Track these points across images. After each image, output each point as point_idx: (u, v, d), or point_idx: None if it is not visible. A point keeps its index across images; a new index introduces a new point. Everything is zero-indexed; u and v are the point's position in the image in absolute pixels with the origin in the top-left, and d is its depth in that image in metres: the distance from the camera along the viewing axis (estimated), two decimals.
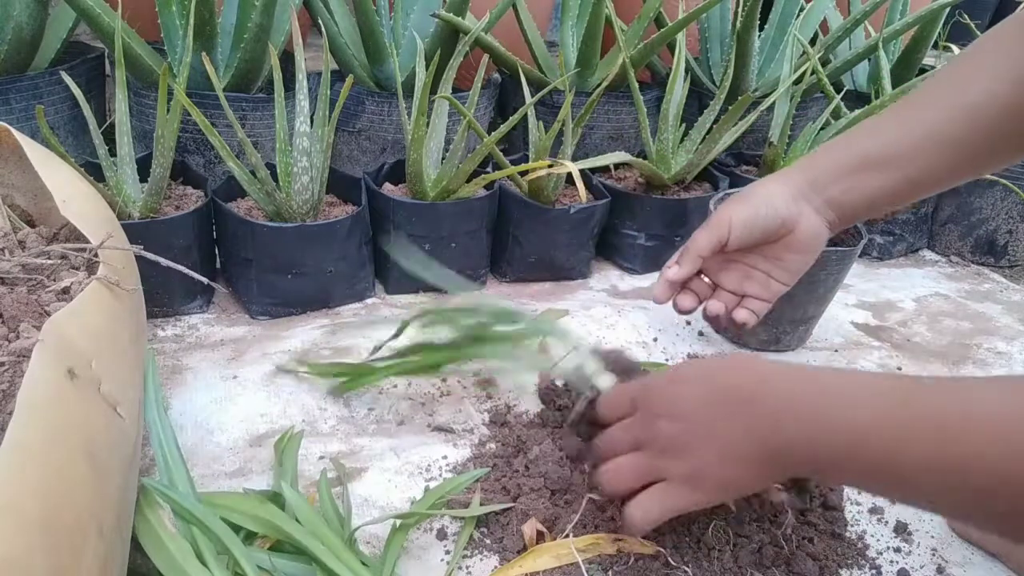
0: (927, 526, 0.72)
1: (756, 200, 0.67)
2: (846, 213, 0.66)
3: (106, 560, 0.44)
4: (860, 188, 0.64)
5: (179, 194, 1.01)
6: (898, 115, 0.64)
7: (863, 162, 0.64)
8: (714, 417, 0.51)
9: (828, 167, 0.66)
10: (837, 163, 0.65)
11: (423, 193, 1.03)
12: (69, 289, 0.59)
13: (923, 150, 0.61)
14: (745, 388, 0.50)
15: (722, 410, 0.51)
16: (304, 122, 0.90)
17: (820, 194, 0.66)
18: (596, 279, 1.17)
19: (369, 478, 0.73)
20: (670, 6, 1.30)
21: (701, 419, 0.52)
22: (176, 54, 1.09)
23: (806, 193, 0.66)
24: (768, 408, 0.48)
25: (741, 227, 0.67)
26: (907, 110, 0.64)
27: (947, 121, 0.60)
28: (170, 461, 0.64)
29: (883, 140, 0.63)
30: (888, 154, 0.62)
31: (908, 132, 0.62)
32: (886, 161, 0.62)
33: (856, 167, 0.64)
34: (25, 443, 0.38)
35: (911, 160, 0.62)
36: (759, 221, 0.66)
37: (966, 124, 0.59)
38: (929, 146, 0.61)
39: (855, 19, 1.24)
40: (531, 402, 0.85)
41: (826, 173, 0.65)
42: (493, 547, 0.65)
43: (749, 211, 0.67)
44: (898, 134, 0.62)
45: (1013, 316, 1.17)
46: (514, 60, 1.19)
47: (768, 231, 0.67)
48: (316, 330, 0.96)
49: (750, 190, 0.68)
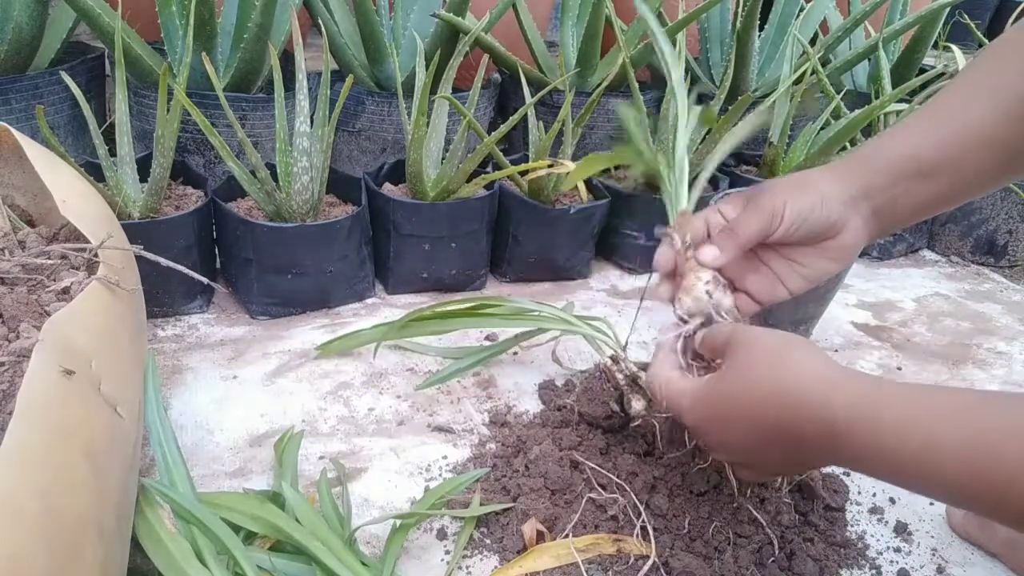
0: (927, 526, 0.72)
1: (812, 194, 0.59)
2: (889, 223, 0.61)
3: (106, 560, 0.44)
4: (909, 196, 0.59)
5: (179, 194, 1.01)
6: (940, 115, 0.60)
7: (915, 169, 0.58)
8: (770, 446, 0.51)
9: (882, 172, 0.60)
10: (891, 168, 0.59)
11: (423, 193, 1.03)
12: (69, 289, 0.60)
13: (972, 154, 0.57)
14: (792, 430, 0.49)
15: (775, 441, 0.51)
16: (304, 122, 0.90)
17: (871, 201, 0.60)
18: (596, 279, 1.17)
19: (369, 478, 0.73)
20: (670, 6, 1.30)
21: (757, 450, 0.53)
22: (176, 54, 1.09)
23: (857, 199, 0.60)
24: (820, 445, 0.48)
25: (792, 221, 0.58)
26: (949, 110, 0.59)
27: (991, 123, 0.56)
28: (170, 461, 0.64)
29: (933, 143, 0.58)
30: (939, 158, 0.58)
31: (954, 135, 0.58)
32: (937, 166, 0.58)
33: (908, 174, 0.59)
34: (25, 443, 0.38)
35: (959, 168, 0.58)
36: (811, 219, 0.59)
37: (1010, 125, 0.56)
38: (977, 151, 0.57)
39: (855, 19, 1.24)
40: (531, 402, 0.85)
41: (880, 179, 0.59)
42: (493, 547, 0.65)
43: (806, 205, 0.58)
44: (946, 136, 0.58)
45: (1013, 316, 1.17)
46: (514, 60, 1.19)
47: (814, 232, 0.59)
48: (316, 330, 0.96)
49: (805, 180, 0.61)
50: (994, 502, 0.40)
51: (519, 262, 1.11)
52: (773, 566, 0.63)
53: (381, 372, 0.88)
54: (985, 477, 0.40)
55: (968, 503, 0.43)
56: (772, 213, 0.58)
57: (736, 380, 0.53)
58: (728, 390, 0.53)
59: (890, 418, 0.44)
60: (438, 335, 0.91)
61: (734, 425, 0.52)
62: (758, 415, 0.50)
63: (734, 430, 0.53)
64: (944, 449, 0.42)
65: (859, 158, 0.61)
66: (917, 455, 0.43)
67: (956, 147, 0.58)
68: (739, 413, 0.52)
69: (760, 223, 0.59)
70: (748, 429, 0.51)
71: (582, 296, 1.11)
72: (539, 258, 1.11)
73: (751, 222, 0.59)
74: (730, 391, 0.53)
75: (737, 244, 0.60)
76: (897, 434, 0.44)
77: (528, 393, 0.87)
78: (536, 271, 1.13)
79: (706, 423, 0.55)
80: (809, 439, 0.48)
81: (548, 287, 1.13)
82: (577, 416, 0.76)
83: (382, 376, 0.88)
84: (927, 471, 0.43)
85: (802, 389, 0.49)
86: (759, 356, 0.52)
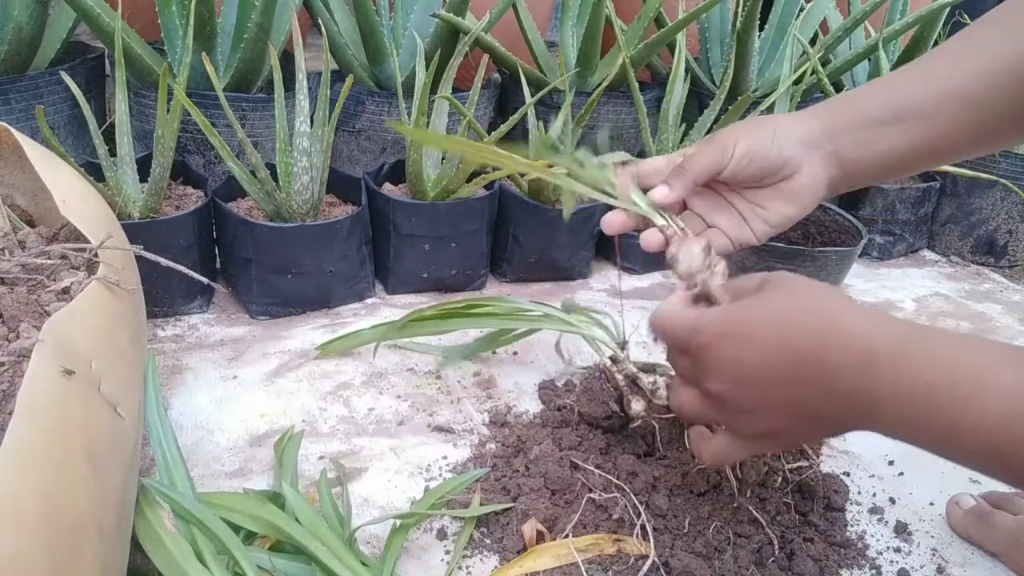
0: (927, 526, 0.72)
1: (766, 132, 0.59)
2: (853, 171, 0.60)
3: (106, 560, 0.44)
4: (875, 143, 0.58)
5: (179, 194, 1.01)
6: (922, 69, 0.59)
7: (882, 114, 0.58)
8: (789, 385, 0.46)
9: (846, 115, 0.59)
10: (856, 111, 0.59)
11: (423, 193, 1.03)
12: (69, 289, 0.60)
13: (945, 108, 0.56)
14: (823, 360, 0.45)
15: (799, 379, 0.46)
16: (304, 122, 0.90)
17: (832, 142, 0.59)
18: (596, 279, 1.17)
19: (369, 478, 0.73)
20: (670, 6, 1.30)
21: (772, 388, 0.47)
22: (176, 54, 1.09)
23: (818, 139, 0.59)
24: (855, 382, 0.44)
25: (740, 157, 0.59)
26: (930, 65, 0.59)
27: (969, 80, 0.55)
28: (170, 461, 0.64)
29: (906, 92, 0.58)
30: (910, 107, 0.57)
31: (931, 87, 0.57)
32: (907, 115, 0.57)
33: (876, 119, 0.58)
34: (25, 443, 0.38)
35: (932, 117, 0.56)
36: (760, 156, 0.59)
37: (986, 86, 0.55)
38: (950, 104, 0.56)
39: (855, 19, 1.24)
40: (531, 402, 0.85)
41: (843, 121, 0.59)
42: (493, 547, 0.65)
43: (756, 141, 0.58)
44: (922, 88, 0.57)
45: (1013, 316, 1.17)
46: (514, 60, 1.19)
47: (766, 169, 0.59)
48: (316, 330, 0.96)
49: (764, 120, 0.61)
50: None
51: (519, 262, 1.11)
52: (773, 566, 0.63)
53: (381, 372, 0.88)
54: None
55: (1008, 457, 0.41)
56: (723, 149, 0.59)
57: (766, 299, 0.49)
58: (756, 306, 0.49)
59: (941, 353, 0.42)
60: (438, 335, 0.91)
61: (754, 346, 0.47)
62: (787, 334, 0.46)
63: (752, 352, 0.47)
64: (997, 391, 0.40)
65: (830, 101, 0.62)
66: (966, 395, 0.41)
67: (932, 97, 0.57)
68: (764, 331, 0.47)
69: (709, 158, 0.59)
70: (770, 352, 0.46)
71: (582, 296, 1.11)
72: (539, 258, 1.11)
73: (700, 157, 0.60)
74: (758, 307, 0.49)
75: (686, 180, 0.60)
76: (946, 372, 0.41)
77: (528, 393, 0.87)
78: (536, 271, 1.13)
79: (719, 339, 0.49)
80: (844, 370, 0.44)
81: (548, 287, 1.13)
82: (577, 416, 0.77)
83: (382, 376, 0.88)
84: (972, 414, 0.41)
85: (843, 311, 0.46)
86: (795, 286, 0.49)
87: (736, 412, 0.50)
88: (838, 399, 0.45)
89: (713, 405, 0.51)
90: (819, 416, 0.47)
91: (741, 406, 0.49)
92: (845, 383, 0.44)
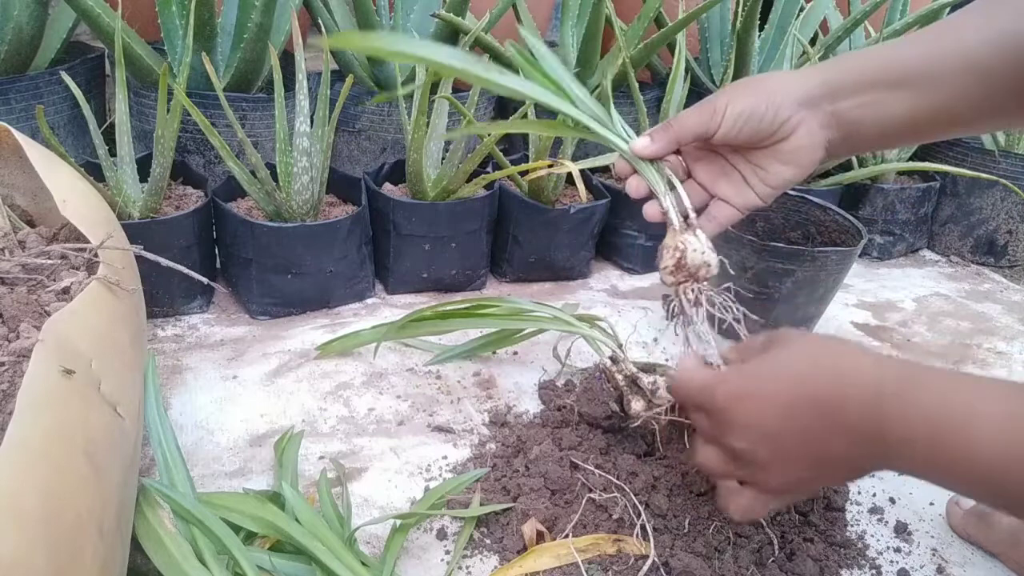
0: (927, 526, 0.72)
1: (759, 94, 0.58)
2: (852, 135, 0.58)
3: (106, 560, 0.44)
4: (877, 106, 0.57)
5: (179, 194, 1.01)
6: (931, 34, 0.57)
7: (888, 76, 0.56)
8: (802, 432, 0.47)
9: (849, 74, 0.57)
10: (860, 71, 0.57)
11: (423, 193, 1.03)
12: (69, 289, 0.60)
13: (951, 74, 0.54)
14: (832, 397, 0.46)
15: (810, 423, 0.47)
16: (304, 122, 0.90)
17: (832, 103, 0.57)
18: (596, 279, 1.17)
19: (369, 478, 0.73)
20: (670, 6, 1.30)
21: (787, 437, 0.48)
22: (176, 54, 1.09)
23: (816, 99, 0.57)
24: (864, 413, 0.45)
25: (733, 120, 0.58)
26: (939, 31, 0.57)
27: (977, 47, 0.54)
28: (170, 461, 0.64)
29: (913, 54, 0.56)
30: (915, 71, 0.55)
31: (938, 51, 0.55)
32: (911, 79, 0.55)
33: (879, 81, 0.56)
34: (25, 443, 0.38)
35: (938, 83, 0.55)
36: (754, 119, 0.57)
37: (995, 55, 0.53)
38: (957, 70, 0.54)
39: (855, 19, 1.24)
40: (531, 402, 0.85)
41: (845, 80, 0.57)
42: (493, 547, 0.65)
43: (747, 104, 0.57)
44: (929, 52, 0.55)
45: (1013, 316, 1.17)
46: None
47: (760, 132, 0.58)
48: (316, 330, 0.96)
49: (759, 80, 0.60)
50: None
51: (519, 262, 1.11)
52: (773, 566, 0.63)
53: (381, 372, 0.88)
54: None
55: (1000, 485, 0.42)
56: (712, 111, 0.58)
57: (776, 358, 0.50)
58: (766, 366, 0.50)
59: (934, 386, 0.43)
60: (438, 335, 0.91)
61: (769, 403, 0.48)
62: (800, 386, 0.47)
63: (768, 409, 0.48)
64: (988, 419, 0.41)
65: (834, 60, 0.60)
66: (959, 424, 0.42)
67: (937, 61, 0.55)
68: (777, 387, 0.48)
69: (697, 118, 0.59)
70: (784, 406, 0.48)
71: (582, 296, 1.11)
72: (539, 258, 1.11)
73: (688, 116, 0.59)
74: (768, 367, 0.50)
75: (669, 136, 0.60)
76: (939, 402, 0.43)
77: (528, 393, 0.87)
78: (536, 271, 1.13)
79: (735, 400, 0.50)
80: (853, 412, 0.45)
81: (548, 287, 1.13)
82: (577, 416, 0.76)
83: (382, 376, 0.88)
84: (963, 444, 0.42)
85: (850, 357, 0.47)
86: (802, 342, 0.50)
87: (757, 467, 0.51)
88: (852, 439, 0.46)
89: (734, 462, 0.52)
90: (836, 459, 0.48)
91: (761, 461, 0.50)
92: (856, 422, 0.45)
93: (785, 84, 0.58)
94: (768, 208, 1.04)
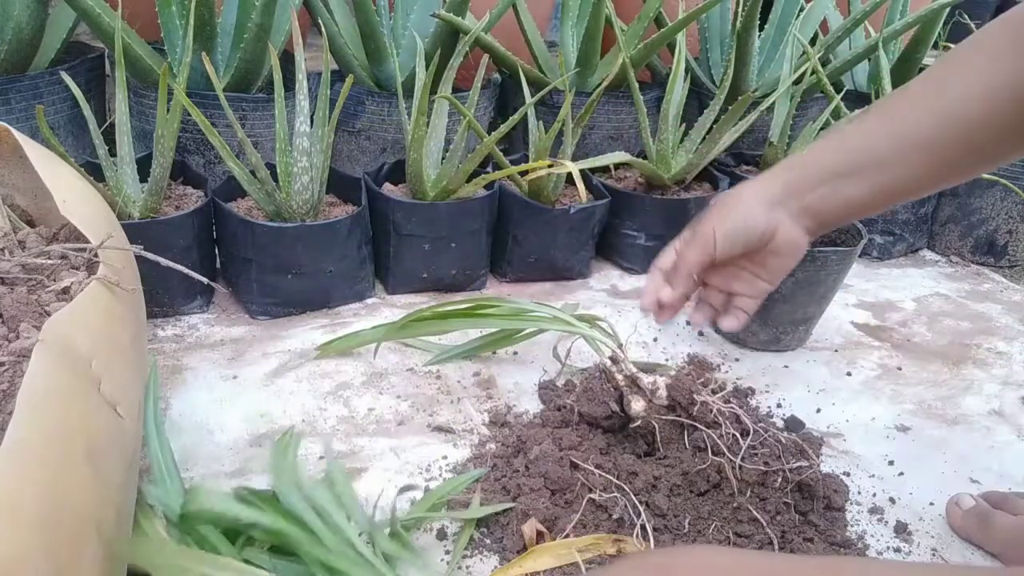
0: (927, 526, 0.72)
1: (736, 213, 0.66)
2: (823, 220, 0.65)
3: (106, 560, 0.44)
4: (836, 196, 0.63)
5: (179, 194, 1.01)
6: (878, 116, 0.62)
7: (841, 168, 0.62)
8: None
9: (806, 173, 0.64)
10: (816, 168, 0.64)
11: (423, 193, 1.03)
12: (69, 289, 0.59)
13: (901, 154, 0.59)
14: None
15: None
16: (304, 122, 0.90)
17: (797, 201, 0.64)
18: (596, 279, 1.17)
19: (369, 478, 0.73)
20: (670, 6, 1.30)
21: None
22: (176, 54, 1.09)
23: (783, 200, 0.65)
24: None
25: (723, 240, 0.66)
26: (887, 110, 0.62)
27: (924, 125, 0.58)
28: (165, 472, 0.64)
29: (862, 144, 0.61)
30: (866, 160, 0.61)
31: (887, 135, 0.60)
32: (863, 167, 0.61)
33: (834, 173, 0.62)
34: (25, 443, 0.38)
35: (889, 166, 0.60)
36: (740, 234, 0.66)
37: (941, 129, 0.57)
38: (907, 151, 0.59)
39: (855, 19, 1.24)
40: (531, 402, 0.85)
41: (804, 179, 0.64)
42: (493, 547, 0.65)
43: (730, 225, 0.66)
44: (877, 138, 0.61)
45: (1013, 316, 1.17)
46: (514, 60, 1.19)
47: (749, 243, 0.66)
48: (316, 330, 0.96)
49: (728, 199, 0.68)
50: None
51: (519, 262, 1.11)
52: None
53: (381, 372, 0.88)
54: None
55: None
56: (705, 242, 0.67)
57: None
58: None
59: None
60: (438, 335, 0.91)
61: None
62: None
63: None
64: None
65: (787, 162, 0.68)
66: None
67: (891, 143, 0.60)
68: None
69: (696, 254, 0.68)
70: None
71: (582, 296, 1.11)
72: (539, 258, 1.11)
73: (689, 255, 0.69)
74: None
75: (683, 276, 0.70)
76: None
77: (528, 393, 0.87)
78: (536, 271, 1.13)
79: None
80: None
81: (548, 287, 1.13)
82: (577, 416, 0.76)
83: (382, 376, 0.88)
84: None
85: None
86: None
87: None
88: None
89: None
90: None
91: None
92: None
93: (753, 193, 0.66)
94: None
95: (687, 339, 1.01)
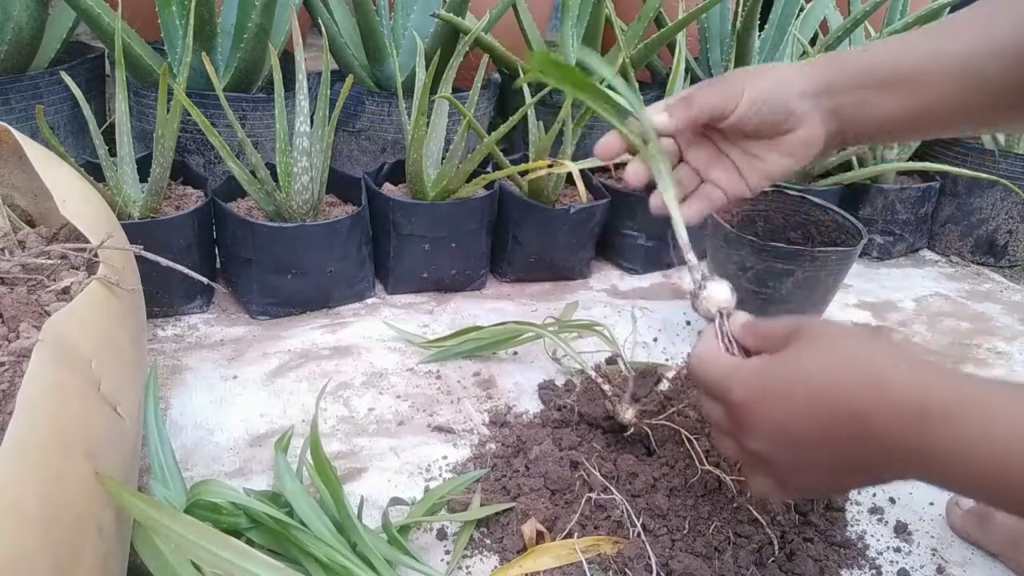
0: (927, 526, 0.72)
1: (771, 84, 0.58)
2: (850, 129, 0.60)
3: (106, 559, 0.44)
4: (874, 104, 0.58)
5: (179, 194, 1.01)
6: (926, 35, 0.58)
7: (882, 73, 0.57)
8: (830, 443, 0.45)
9: (851, 72, 0.58)
10: (861, 70, 0.58)
11: (423, 193, 1.03)
12: (69, 289, 0.59)
13: (942, 75, 0.55)
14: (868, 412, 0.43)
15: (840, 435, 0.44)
16: (304, 122, 0.90)
17: (832, 99, 0.58)
18: (596, 279, 1.17)
19: (369, 478, 0.73)
20: (670, 6, 1.30)
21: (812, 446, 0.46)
22: (176, 54, 1.09)
23: (818, 94, 0.58)
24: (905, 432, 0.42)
25: (748, 105, 0.57)
26: (936, 31, 0.58)
27: (971, 54, 0.55)
28: (167, 473, 0.64)
29: (906, 54, 0.57)
30: (908, 70, 0.56)
31: (934, 53, 0.56)
32: (903, 78, 0.57)
33: (874, 78, 0.57)
34: (25, 443, 0.38)
35: (927, 83, 0.56)
36: (767, 106, 0.58)
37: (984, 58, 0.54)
38: (948, 72, 0.55)
39: (855, 19, 1.24)
40: (531, 402, 0.85)
41: (847, 78, 0.58)
42: (493, 547, 0.65)
43: (763, 90, 0.57)
44: (922, 53, 0.56)
45: (1013, 316, 1.17)
46: (514, 60, 1.19)
47: (771, 120, 0.58)
48: (316, 330, 0.96)
49: (768, 68, 0.60)
50: None
51: (519, 262, 1.11)
52: (773, 566, 0.63)
53: (381, 372, 0.88)
54: None
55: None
56: (729, 95, 0.58)
57: (804, 355, 0.47)
58: (790, 366, 0.47)
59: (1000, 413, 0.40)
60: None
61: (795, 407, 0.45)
62: (830, 394, 0.44)
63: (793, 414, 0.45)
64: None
65: (831, 56, 0.61)
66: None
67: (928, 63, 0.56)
68: (806, 391, 0.45)
69: (716, 98, 0.58)
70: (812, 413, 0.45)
71: (582, 296, 1.11)
72: (539, 258, 1.11)
73: (706, 95, 0.58)
74: (796, 364, 0.47)
75: (688, 114, 0.59)
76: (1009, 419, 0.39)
77: (528, 393, 0.87)
78: (536, 271, 1.13)
79: (755, 402, 0.47)
80: (892, 429, 0.42)
81: (548, 287, 1.13)
82: (577, 416, 0.77)
83: (382, 376, 0.88)
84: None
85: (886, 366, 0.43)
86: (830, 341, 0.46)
87: (776, 468, 0.49)
88: (883, 456, 0.44)
89: (753, 459, 0.50)
90: (863, 470, 0.46)
91: (779, 463, 0.48)
92: (893, 442, 0.43)
93: (789, 77, 0.58)
94: (768, 208, 1.04)
95: (687, 339, 1.01)
